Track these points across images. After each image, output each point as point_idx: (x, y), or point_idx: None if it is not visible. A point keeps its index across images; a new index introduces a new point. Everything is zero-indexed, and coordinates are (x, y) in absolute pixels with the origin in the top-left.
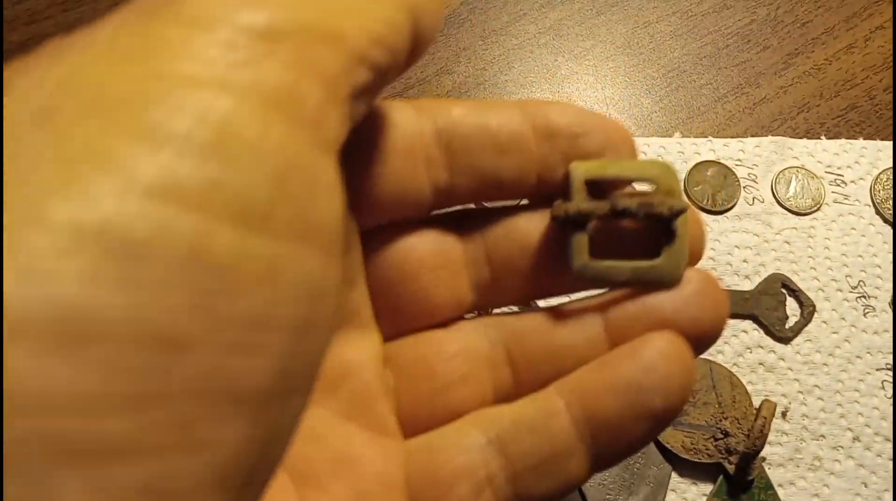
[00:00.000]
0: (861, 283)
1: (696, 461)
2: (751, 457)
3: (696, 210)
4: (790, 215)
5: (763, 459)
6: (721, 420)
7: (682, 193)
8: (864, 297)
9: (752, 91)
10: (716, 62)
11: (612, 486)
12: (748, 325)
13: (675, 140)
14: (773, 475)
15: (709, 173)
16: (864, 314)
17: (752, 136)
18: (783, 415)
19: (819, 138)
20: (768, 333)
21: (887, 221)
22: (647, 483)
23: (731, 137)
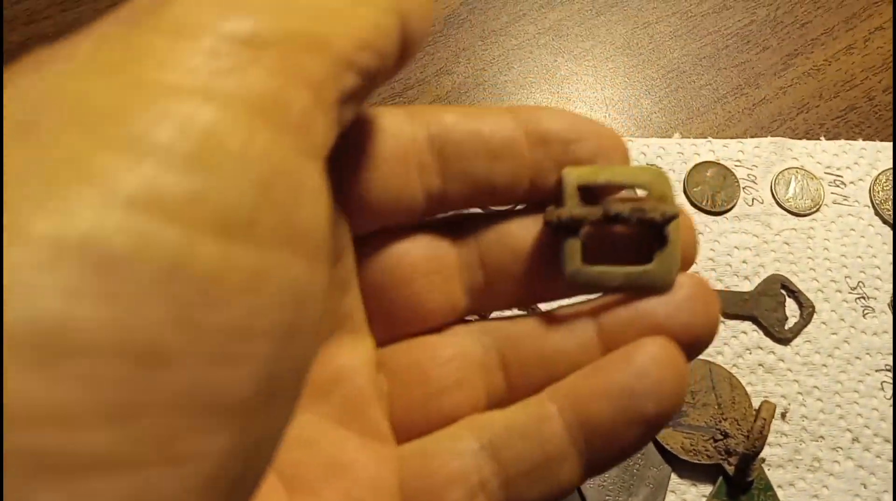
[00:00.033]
0: (860, 284)
1: (696, 462)
2: (750, 458)
3: (688, 215)
4: (789, 216)
5: (762, 460)
6: (720, 422)
7: (675, 198)
8: (864, 298)
9: (751, 92)
10: (715, 63)
11: (612, 487)
12: (748, 326)
13: (675, 141)
14: (772, 476)
15: (708, 174)
16: (864, 315)
17: (752, 136)
18: (782, 416)
19: (818, 139)
20: (768, 334)
21: (886, 222)
22: (647, 485)
23: (731, 137)
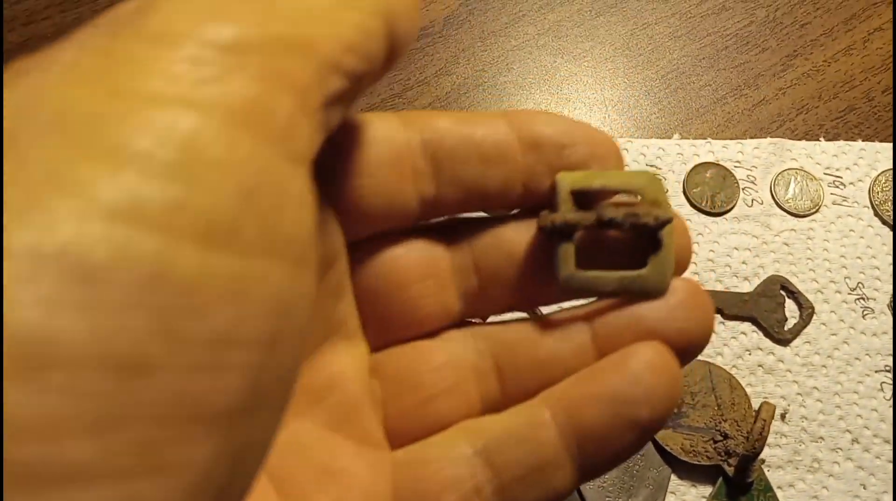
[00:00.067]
0: (860, 285)
1: (696, 463)
2: (750, 459)
3: (682, 220)
4: (789, 217)
5: (762, 461)
6: (720, 423)
7: (669, 203)
8: (863, 299)
9: (751, 93)
10: (715, 64)
11: (612, 488)
12: (747, 327)
13: (674, 142)
14: (772, 477)
15: (708, 175)
16: (863, 316)
17: (751, 137)
18: (782, 417)
19: (818, 140)
20: (767, 335)
21: (886, 222)
22: (647, 486)
23: (730, 138)
